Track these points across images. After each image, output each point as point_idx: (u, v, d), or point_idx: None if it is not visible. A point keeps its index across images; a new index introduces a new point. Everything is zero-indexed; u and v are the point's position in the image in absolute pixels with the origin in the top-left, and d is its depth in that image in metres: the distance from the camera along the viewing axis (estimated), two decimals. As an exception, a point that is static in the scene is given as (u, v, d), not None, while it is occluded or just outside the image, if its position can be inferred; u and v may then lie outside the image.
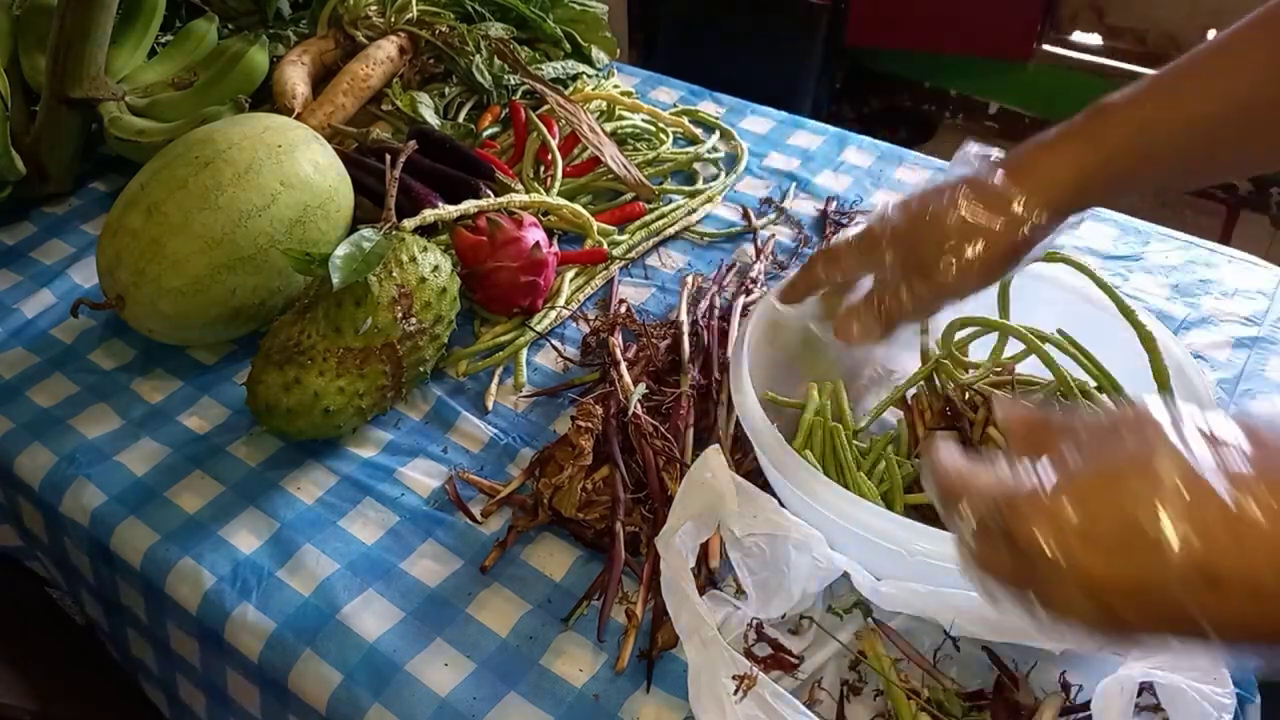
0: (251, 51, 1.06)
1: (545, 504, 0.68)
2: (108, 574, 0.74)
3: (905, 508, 0.62)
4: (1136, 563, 0.32)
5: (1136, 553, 0.32)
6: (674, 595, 0.57)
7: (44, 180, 1.00)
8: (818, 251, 0.65)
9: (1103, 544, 0.33)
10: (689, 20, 2.24)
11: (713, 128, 1.12)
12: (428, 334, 0.74)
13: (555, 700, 0.60)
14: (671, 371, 0.77)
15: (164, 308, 0.77)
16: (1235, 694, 0.50)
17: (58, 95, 0.97)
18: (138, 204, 0.77)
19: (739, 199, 1.02)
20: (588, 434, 0.69)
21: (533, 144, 1.02)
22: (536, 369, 0.83)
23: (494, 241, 0.83)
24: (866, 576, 0.56)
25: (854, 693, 0.59)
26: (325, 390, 0.69)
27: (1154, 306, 0.87)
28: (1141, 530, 0.32)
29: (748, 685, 0.53)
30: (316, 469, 0.75)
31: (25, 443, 0.77)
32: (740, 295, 0.85)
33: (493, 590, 0.66)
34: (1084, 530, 0.34)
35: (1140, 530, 0.32)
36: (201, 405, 0.80)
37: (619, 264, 0.93)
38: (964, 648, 0.59)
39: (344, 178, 0.85)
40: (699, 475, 0.59)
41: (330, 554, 0.68)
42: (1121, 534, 0.33)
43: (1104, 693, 0.51)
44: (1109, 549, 0.33)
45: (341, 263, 0.69)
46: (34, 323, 0.88)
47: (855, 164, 1.07)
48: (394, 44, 1.09)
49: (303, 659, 0.63)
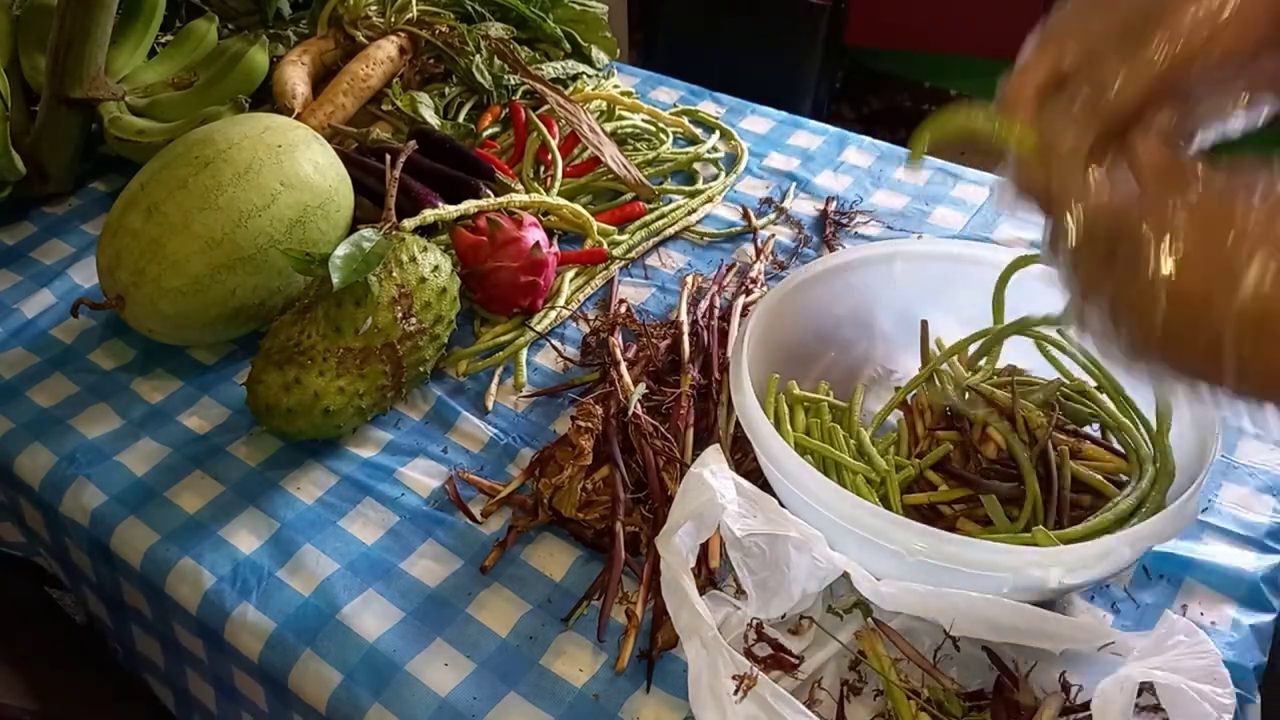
0: (251, 51, 1.06)
1: (545, 504, 0.68)
2: (108, 573, 0.74)
3: (905, 508, 0.63)
4: (1211, 282, 0.35)
5: (1217, 275, 0.35)
6: (674, 595, 0.57)
7: (44, 180, 1.00)
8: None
9: (1194, 258, 0.36)
10: (689, 20, 2.23)
11: (713, 128, 1.12)
12: (428, 334, 0.74)
13: (555, 700, 0.60)
14: (671, 371, 0.77)
15: (164, 308, 0.77)
16: (1235, 694, 0.50)
17: (58, 95, 0.97)
18: (138, 204, 0.77)
19: (739, 199, 1.02)
20: (588, 434, 0.69)
21: (533, 144, 1.02)
22: (536, 369, 0.83)
23: (494, 241, 0.83)
24: (866, 576, 0.56)
25: (854, 693, 0.59)
26: (325, 390, 0.69)
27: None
28: (1230, 261, 0.35)
29: (748, 685, 0.53)
30: (316, 469, 0.75)
31: (25, 443, 0.77)
32: (740, 295, 0.85)
33: (493, 590, 0.66)
34: (1188, 238, 0.36)
35: (1230, 261, 0.35)
36: (201, 405, 0.80)
37: (619, 264, 0.93)
38: (964, 648, 0.59)
39: (344, 178, 0.85)
40: (699, 475, 0.59)
41: (330, 554, 0.68)
42: (1214, 256, 0.35)
43: (1104, 693, 0.51)
44: (1196, 262, 0.36)
45: (341, 263, 0.69)
46: (34, 323, 0.88)
47: (855, 164, 1.07)
48: (394, 44, 1.09)
49: (303, 659, 0.63)
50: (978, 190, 1.02)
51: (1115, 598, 0.64)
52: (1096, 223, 0.40)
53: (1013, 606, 0.53)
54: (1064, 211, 0.41)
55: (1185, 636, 0.52)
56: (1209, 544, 0.66)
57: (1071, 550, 0.53)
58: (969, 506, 0.63)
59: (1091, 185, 0.40)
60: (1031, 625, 0.54)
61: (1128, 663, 0.52)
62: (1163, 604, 0.63)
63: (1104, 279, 0.39)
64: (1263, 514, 0.68)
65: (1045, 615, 0.54)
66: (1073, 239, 0.40)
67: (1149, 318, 0.37)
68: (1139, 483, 0.60)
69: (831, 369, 0.74)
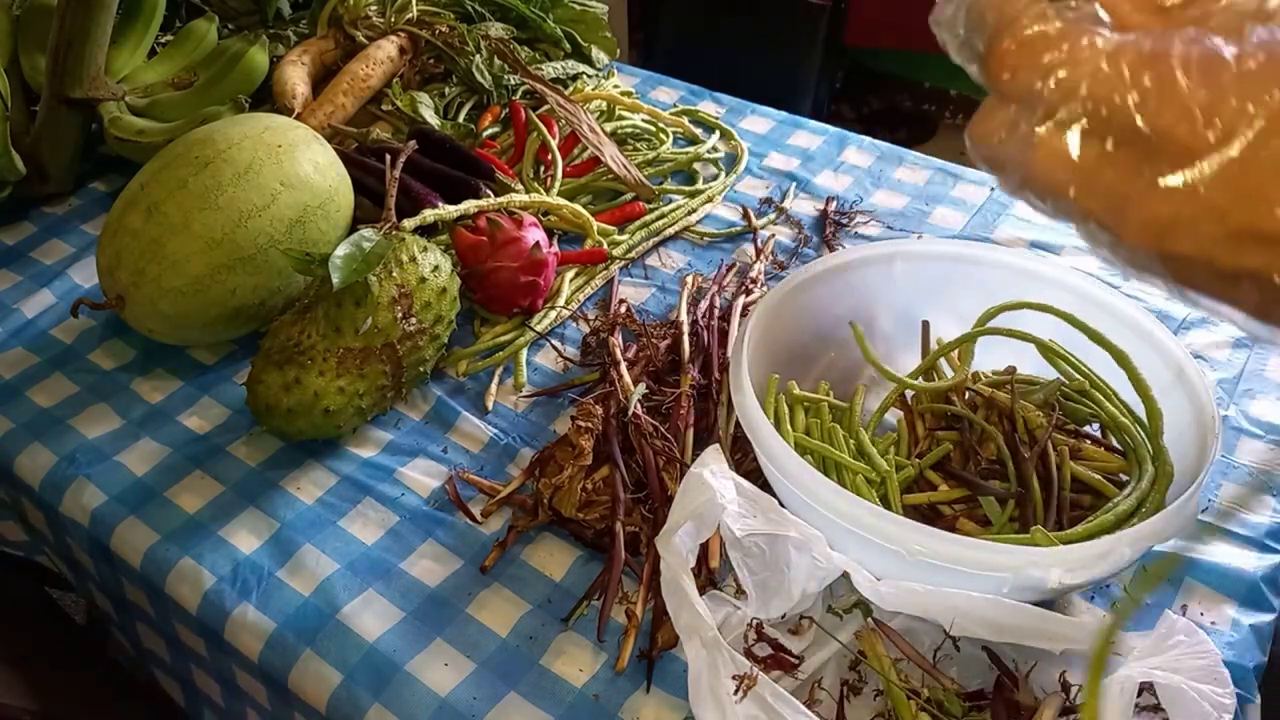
0: (251, 51, 1.06)
1: (545, 504, 0.68)
2: (110, 573, 0.74)
3: (905, 508, 0.63)
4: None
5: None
6: (674, 595, 0.57)
7: (44, 180, 1.00)
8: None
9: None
10: (689, 20, 2.23)
11: (713, 128, 1.12)
12: (428, 334, 0.74)
13: (555, 700, 0.60)
14: (671, 371, 0.77)
15: (164, 308, 0.77)
16: (1235, 694, 0.50)
17: (58, 95, 0.97)
18: (138, 204, 0.77)
19: (739, 199, 1.02)
20: (588, 434, 0.69)
21: (533, 144, 1.02)
22: (536, 369, 0.83)
23: (494, 241, 0.83)
24: (866, 576, 0.56)
25: (854, 693, 0.59)
26: (325, 390, 0.69)
27: (1154, 306, 0.87)
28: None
29: (748, 685, 0.53)
30: (316, 469, 0.75)
31: (25, 443, 0.77)
32: (740, 295, 0.85)
33: (493, 590, 0.66)
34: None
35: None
36: (201, 405, 0.80)
37: (619, 264, 0.93)
38: (964, 648, 0.59)
39: (344, 178, 0.85)
40: (699, 475, 0.59)
41: (330, 554, 0.68)
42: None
43: (1104, 693, 0.51)
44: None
45: (341, 263, 0.69)
46: (34, 323, 0.88)
47: (855, 164, 1.07)
48: (394, 44, 1.09)
49: (303, 659, 0.63)
50: (978, 190, 1.02)
51: (1115, 598, 0.64)
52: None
53: (1013, 606, 0.53)
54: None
55: (1185, 636, 0.52)
56: (1209, 544, 0.66)
57: (1071, 550, 0.53)
58: (969, 506, 0.63)
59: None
60: (1031, 625, 0.54)
61: (1128, 663, 0.52)
62: (1163, 604, 0.63)
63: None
64: (1263, 514, 0.68)
65: (1045, 615, 0.54)
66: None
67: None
68: (1139, 483, 0.60)
69: (831, 369, 0.74)
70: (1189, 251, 0.29)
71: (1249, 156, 0.26)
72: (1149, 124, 0.28)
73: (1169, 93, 0.28)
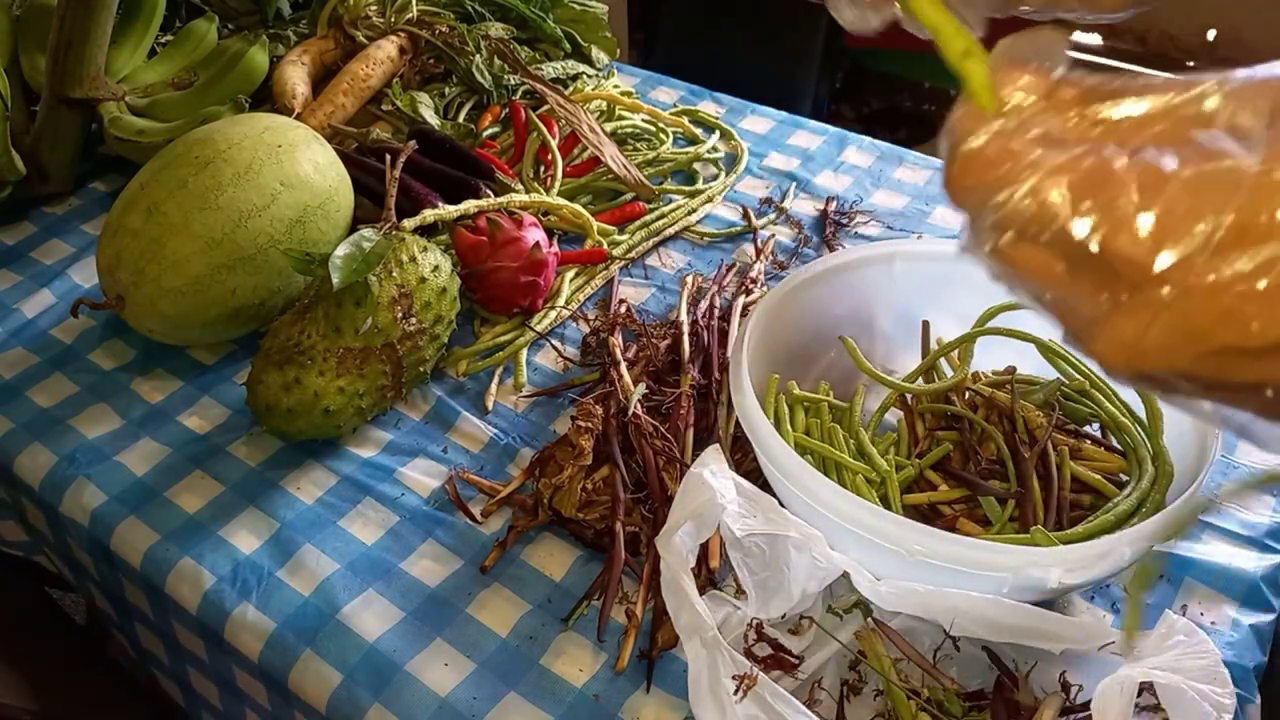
0: (251, 51, 1.06)
1: (545, 504, 0.68)
2: (110, 573, 0.74)
3: (905, 508, 0.63)
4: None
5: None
6: (674, 595, 0.57)
7: (44, 180, 1.00)
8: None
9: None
10: (689, 20, 2.23)
11: (713, 128, 1.12)
12: (428, 334, 0.74)
13: (555, 700, 0.60)
14: (671, 371, 0.77)
15: (164, 308, 0.77)
16: (1235, 694, 0.50)
17: (58, 95, 0.97)
18: (138, 204, 0.77)
19: (739, 199, 1.02)
20: (588, 434, 0.69)
21: (533, 144, 1.02)
22: (536, 369, 0.83)
23: (494, 241, 0.83)
24: (866, 576, 0.56)
25: (854, 693, 0.59)
26: (325, 390, 0.69)
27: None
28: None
29: (748, 685, 0.53)
30: (316, 469, 0.75)
31: (25, 443, 0.77)
32: (740, 295, 0.85)
33: (493, 590, 0.66)
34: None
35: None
36: (201, 405, 0.80)
37: (619, 264, 0.93)
38: (964, 648, 0.59)
39: (344, 178, 0.85)
40: (699, 475, 0.59)
41: (330, 554, 0.68)
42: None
43: (1104, 693, 0.51)
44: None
45: (341, 263, 0.69)
46: (34, 323, 0.88)
47: (855, 164, 1.07)
48: (394, 44, 1.09)
49: (303, 659, 0.63)
50: (978, 190, 1.01)
51: (1115, 598, 0.64)
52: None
53: (1013, 606, 0.53)
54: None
55: (1185, 636, 0.52)
56: (1209, 544, 0.66)
57: (1071, 550, 0.53)
58: (969, 506, 0.63)
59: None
60: (1031, 625, 0.54)
61: (1127, 663, 0.52)
62: (1163, 604, 0.63)
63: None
64: (1263, 514, 0.68)
65: (1045, 615, 0.54)
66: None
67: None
68: (1139, 483, 0.60)
69: (831, 369, 0.74)
70: (1163, 370, 0.27)
71: (1215, 275, 0.25)
72: (1101, 247, 0.27)
73: (1116, 213, 0.26)
